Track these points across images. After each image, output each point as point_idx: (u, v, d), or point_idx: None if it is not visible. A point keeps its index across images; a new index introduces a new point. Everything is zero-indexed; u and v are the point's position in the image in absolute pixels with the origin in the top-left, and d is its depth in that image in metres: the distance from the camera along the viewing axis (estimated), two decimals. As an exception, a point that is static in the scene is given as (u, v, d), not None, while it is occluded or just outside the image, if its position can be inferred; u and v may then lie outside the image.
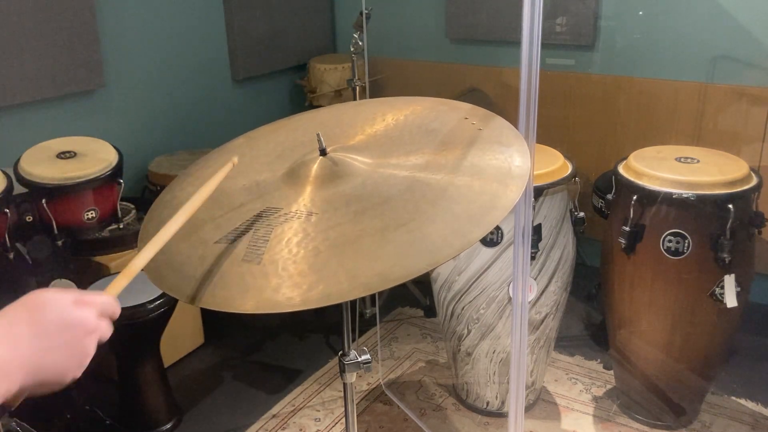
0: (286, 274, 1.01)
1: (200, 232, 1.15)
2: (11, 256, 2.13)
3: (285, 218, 1.11)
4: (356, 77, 2.86)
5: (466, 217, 1.05)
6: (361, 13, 2.68)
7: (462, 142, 1.23)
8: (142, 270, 1.04)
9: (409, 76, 3.68)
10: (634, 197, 2.12)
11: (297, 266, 1.01)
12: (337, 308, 1.12)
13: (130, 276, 0.91)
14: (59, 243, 2.25)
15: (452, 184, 1.11)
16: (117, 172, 2.38)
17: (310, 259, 1.02)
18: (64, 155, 2.35)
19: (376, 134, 1.31)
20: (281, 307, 0.97)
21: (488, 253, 2.17)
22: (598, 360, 2.73)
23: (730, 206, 2.00)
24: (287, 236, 1.07)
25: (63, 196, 2.24)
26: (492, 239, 2.15)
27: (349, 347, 1.32)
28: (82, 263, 2.45)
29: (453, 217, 1.05)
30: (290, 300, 0.97)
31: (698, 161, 2.17)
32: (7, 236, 2.11)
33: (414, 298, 3.16)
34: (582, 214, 2.28)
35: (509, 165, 1.15)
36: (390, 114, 1.37)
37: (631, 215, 2.13)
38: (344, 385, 1.36)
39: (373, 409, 2.51)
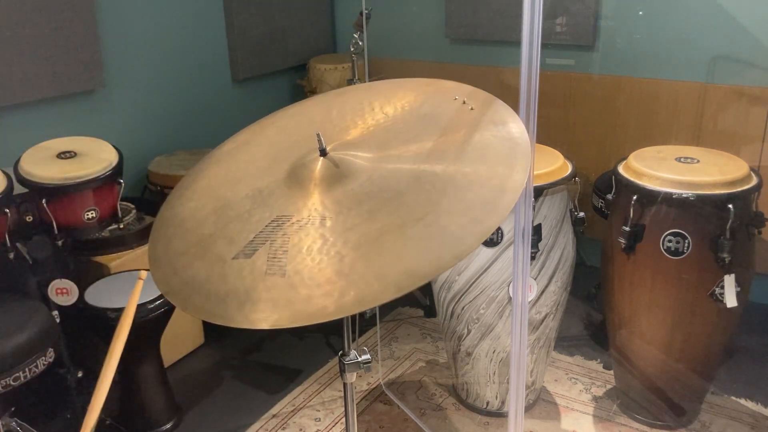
0: (313, 283, 0.98)
1: (214, 249, 1.11)
2: (11, 256, 2.13)
3: (299, 226, 1.08)
4: (356, 77, 2.86)
5: (480, 204, 1.03)
6: (361, 13, 2.68)
7: (459, 125, 1.20)
8: (147, 270, 1.03)
9: (409, 76, 3.65)
10: (634, 197, 2.12)
11: (323, 274, 0.99)
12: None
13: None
14: (59, 243, 2.24)
15: (458, 171, 1.10)
16: (117, 172, 2.37)
17: (336, 265, 0.99)
18: (64, 155, 2.35)
19: (371, 126, 1.28)
20: (316, 318, 0.94)
21: (488, 253, 2.17)
22: (598, 360, 2.73)
23: (730, 206, 2.00)
24: (306, 244, 1.04)
25: (63, 196, 2.23)
26: (492, 239, 2.15)
27: (349, 347, 1.32)
28: (82, 263, 2.45)
29: (467, 205, 1.03)
30: (324, 309, 0.95)
31: (698, 161, 2.17)
32: (7, 236, 2.11)
33: (414, 298, 3.16)
34: (582, 214, 2.28)
35: (510, 145, 1.13)
36: (377, 102, 1.35)
37: (631, 215, 2.13)
38: (344, 385, 1.36)
39: (373, 409, 2.51)
